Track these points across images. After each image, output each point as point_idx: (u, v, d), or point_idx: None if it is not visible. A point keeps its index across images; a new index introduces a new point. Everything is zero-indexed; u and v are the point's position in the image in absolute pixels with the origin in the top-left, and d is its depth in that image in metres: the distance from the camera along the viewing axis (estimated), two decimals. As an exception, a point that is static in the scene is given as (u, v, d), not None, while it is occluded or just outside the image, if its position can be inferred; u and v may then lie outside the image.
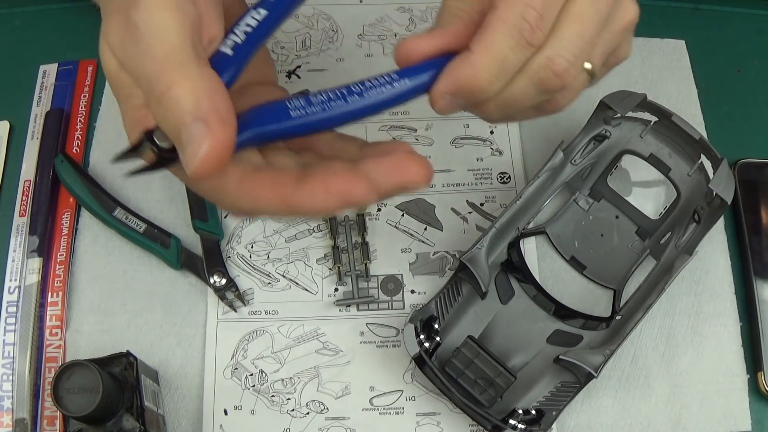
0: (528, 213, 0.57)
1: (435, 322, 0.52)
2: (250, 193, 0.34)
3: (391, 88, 0.36)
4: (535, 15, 0.34)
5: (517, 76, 0.36)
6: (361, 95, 0.36)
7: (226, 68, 0.36)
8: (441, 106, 0.36)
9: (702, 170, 0.55)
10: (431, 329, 0.52)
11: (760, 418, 0.53)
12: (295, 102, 0.35)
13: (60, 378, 0.43)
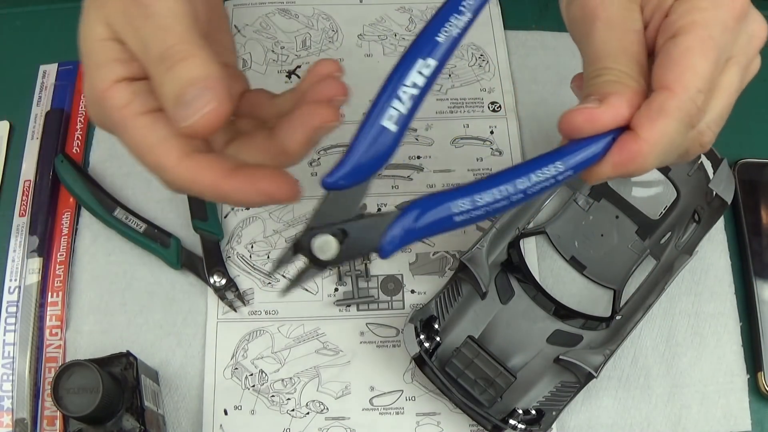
0: (528, 213, 0.57)
1: (435, 322, 0.52)
2: (185, 173, 0.36)
3: (554, 181, 0.35)
4: (703, 99, 0.36)
5: None
6: (525, 193, 0.34)
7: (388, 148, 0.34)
8: (598, 179, 0.36)
9: (702, 170, 0.55)
10: (431, 329, 0.52)
11: (760, 418, 0.53)
12: (460, 203, 0.34)
13: (60, 378, 0.43)
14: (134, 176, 0.59)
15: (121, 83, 0.37)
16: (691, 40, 0.35)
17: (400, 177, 0.59)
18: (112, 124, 0.37)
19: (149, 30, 0.36)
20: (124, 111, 0.37)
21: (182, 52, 0.35)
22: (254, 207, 0.38)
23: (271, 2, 0.66)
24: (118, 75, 0.37)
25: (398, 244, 0.33)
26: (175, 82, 0.35)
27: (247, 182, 0.36)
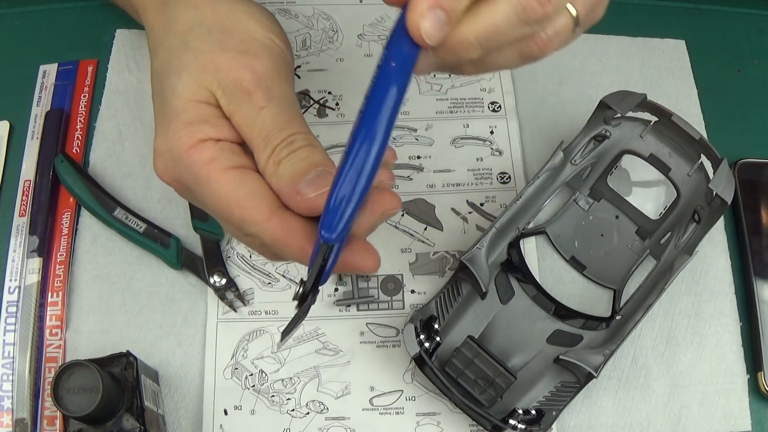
0: (528, 213, 0.57)
1: (435, 322, 0.52)
2: (276, 229, 0.38)
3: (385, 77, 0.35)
4: (552, 8, 0.35)
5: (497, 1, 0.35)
6: (369, 101, 0.35)
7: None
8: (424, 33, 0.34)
9: (702, 170, 0.55)
10: (431, 329, 0.52)
11: (760, 418, 0.53)
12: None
13: (60, 378, 0.43)
14: (134, 176, 0.59)
15: (208, 142, 0.39)
16: None
17: (400, 177, 0.59)
18: (194, 179, 0.39)
19: (273, 115, 0.39)
20: (212, 165, 0.38)
21: (303, 141, 0.39)
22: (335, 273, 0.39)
23: (271, 2, 0.66)
24: (206, 135, 0.39)
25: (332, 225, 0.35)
26: (297, 164, 0.38)
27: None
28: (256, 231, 0.38)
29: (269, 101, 0.39)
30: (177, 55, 0.41)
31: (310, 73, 0.63)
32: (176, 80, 0.40)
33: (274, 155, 0.38)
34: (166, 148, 0.39)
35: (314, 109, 0.62)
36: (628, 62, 0.63)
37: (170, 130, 0.39)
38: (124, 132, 0.61)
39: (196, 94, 0.39)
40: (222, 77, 0.39)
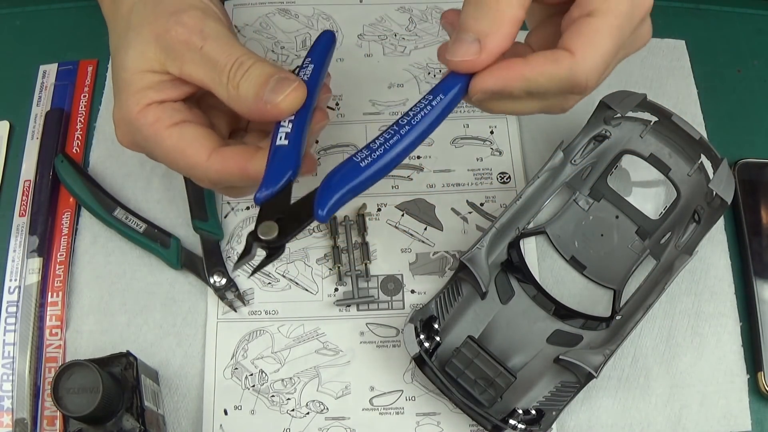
0: (528, 213, 0.57)
1: (435, 322, 0.52)
2: (215, 165, 0.43)
3: (432, 108, 0.41)
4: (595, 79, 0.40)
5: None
6: (410, 125, 0.40)
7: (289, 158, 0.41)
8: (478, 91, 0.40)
9: (702, 170, 0.55)
10: (431, 329, 0.52)
11: (760, 418, 0.53)
12: (360, 154, 0.40)
13: (60, 378, 0.43)
14: (134, 176, 0.59)
15: (152, 105, 0.44)
16: (602, 24, 0.39)
17: (400, 177, 0.59)
18: (144, 138, 0.44)
19: (213, 49, 0.43)
20: (157, 125, 0.44)
21: (251, 59, 0.43)
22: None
23: (271, 2, 0.66)
24: (150, 99, 0.44)
25: (327, 204, 0.39)
26: (254, 79, 0.42)
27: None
28: (203, 172, 0.43)
29: (205, 40, 0.43)
30: (123, 34, 0.45)
31: (310, 73, 0.63)
32: (124, 56, 0.44)
33: (230, 81, 0.42)
34: (120, 116, 0.45)
35: (314, 109, 0.62)
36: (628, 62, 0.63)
37: (122, 101, 0.44)
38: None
39: (140, 66, 0.44)
40: (161, 41, 0.43)
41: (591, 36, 0.39)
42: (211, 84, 0.43)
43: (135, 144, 0.46)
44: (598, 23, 0.39)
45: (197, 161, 0.43)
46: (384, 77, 0.63)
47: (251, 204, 0.59)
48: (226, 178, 0.43)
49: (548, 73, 0.39)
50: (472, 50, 0.39)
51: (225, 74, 0.43)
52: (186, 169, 0.44)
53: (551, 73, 0.39)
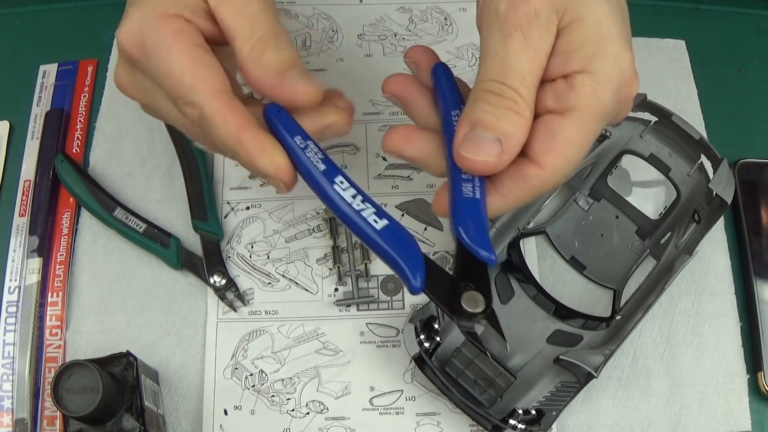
0: (528, 213, 0.57)
1: (435, 322, 0.52)
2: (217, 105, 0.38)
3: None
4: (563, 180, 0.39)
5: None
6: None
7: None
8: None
9: (702, 170, 0.55)
10: (431, 329, 0.52)
11: (760, 418, 0.53)
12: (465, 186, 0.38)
13: (60, 378, 0.43)
14: (134, 176, 0.59)
15: (181, 18, 0.39)
16: (577, 132, 0.37)
17: (400, 177, 0.59)
18: (156, 44, 0.38)
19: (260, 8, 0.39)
20: (179, 36, 0.38)
21: (287, 39, 0.40)
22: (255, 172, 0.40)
23: (271, 2, 0.66)
24: (182, 13, 0.39)
25: (485, 242, 0.37)
26: (285, 54, 0.39)
27: (270, 144, 0.38)
28: (200, 99, 0.38)
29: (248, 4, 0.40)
30: None
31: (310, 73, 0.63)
32: None
33: (260, 43, 0.39)
34: (140, 14, 0.39)
35: (314, 109, 0.62)
36: (628, 62, 0.63)
37: (140, 6, 0.39)
38: (124, 132, 0.61)
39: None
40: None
41: (562, 147, 0.37)
42: (238, 35, 0.39)
43: (137, 46, 0.39)
44: (572, 133, 0.37)
45: (204, 89, 0.38)
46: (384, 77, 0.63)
47: (251, 204, 0.59)
48: (218, 121, 0.38)
49: (520, 195, 0.38)
50: (495, 151, 0.36)
51: (258, 35, 0.39)
52: (185, 89, 0.39)
53: (523, 194, 0.38)
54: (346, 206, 0.37)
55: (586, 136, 0.37)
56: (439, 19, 0.65)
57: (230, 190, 0.59)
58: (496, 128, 0.36)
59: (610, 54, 0.37)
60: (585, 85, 0.37)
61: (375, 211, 0.37)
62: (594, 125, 0.37)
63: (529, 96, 0.37)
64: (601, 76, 0.37)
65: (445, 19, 0.65)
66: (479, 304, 0.37)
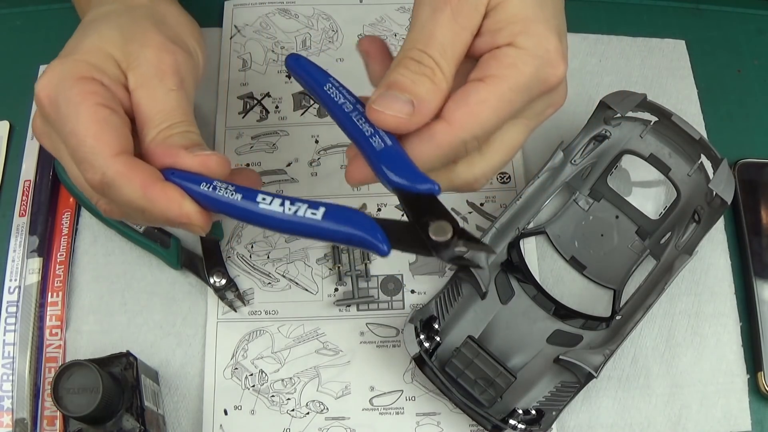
0: (528, 213, 0.57)
1: (435, 322, 0.52)
2: (118, 167, 0.39)
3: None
4: (475, 144, 0.39)
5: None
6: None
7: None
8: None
9: (702, 170, 0.55)
10: (431, 329, 0.52)
11: (760, 418, 0.53)
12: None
13: (60, 378, 0.43)
14: (134, 176, 0.59)
15: (98, 82, 0.41)
16: (491, 95, 0.38)
17: (400, 177, 0.59)
18: (67, 101, 0.40)
19: (175, 97, 0.42)
20: (90, 96, 0.40)
21: (199, 137, 0.41)
22: (168, 224, 0.41)
23: (271, 2, 0.66)
24: (97, 75, 0.41)
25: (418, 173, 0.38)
26: (189, 140, 0.40)
27: (177, 194, 0.38)
28: (101, 164, 0.38)
29: (180, 88, 0.42)
30: (118, 14, 0.44)
31: (310, 73, 0.63)
32: (106, 27, 0.43)
33: (169, 129, 0.40)
34: (60, 69, 0.41)
35: (314, 109, 0.62)
36: (628, 62, 0.63)
37: (75, 56, 0.42)
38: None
39: (115, 49, 0.42)
40: (146, 53, 0.42)
41: (473, 107, 0.38)
42: (149, 119, 0.41)
43: (50, 99, 0.40)
44: (486, 94, 0.38)
45: (105, 151, 0.38)
46: (384, 77, 0.63)
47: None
48: (122, 182, 0.38)
49: (429, 153, 0.38)
50: (406, 110, 0.37)
51: (169, 122, 0.40)
52: (87, 153, 0.39)
53: (431, 153, 0.38)
54: (280, 216, 0.38)
55: (501, 102, 0.38)
56: (439, 19, 0.65)
57: (230, 190, 0.59)
58: (411, 91, 0.38)
59: (535, 33, 0.38)
60: (507, 55, 0.38)
61: (308, 206, 0.38)
62: (510, 94, 0.38)
63: (447, 68, 0.38)
64: (523, 51, 0.38)
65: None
66: (447, 230, 0.37)
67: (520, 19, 0.38)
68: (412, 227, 0.37)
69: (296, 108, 0.62)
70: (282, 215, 0.37)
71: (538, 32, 0.38)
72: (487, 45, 0.39)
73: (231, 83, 0.63)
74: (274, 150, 0.60)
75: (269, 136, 0.61)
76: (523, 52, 0.38)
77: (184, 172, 0.39)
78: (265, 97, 0.62)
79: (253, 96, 0.62)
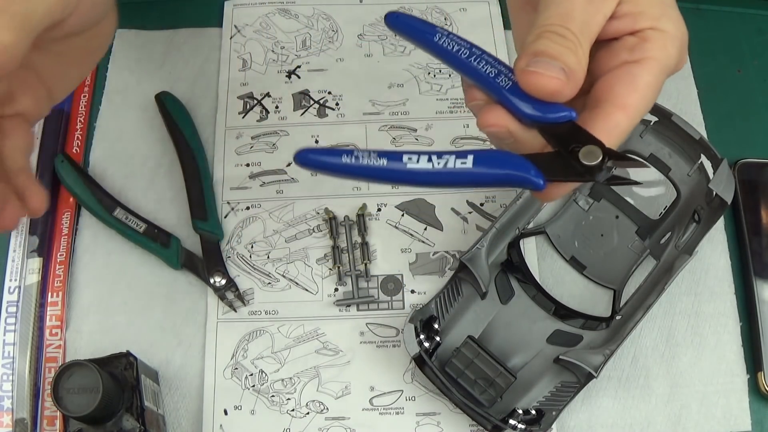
0: (528, 213, 0.57)
1: (435, 322, 0.52)
2: None
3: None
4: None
5: None
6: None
7: None
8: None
9: (702, 170, 0.55)
10: (431, 329, 0.52)
11: (760, 418, 0.53)
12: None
13: (60, 378, 0.43)
14: (134, 176, 0.59)
15: None
16: (652, 76, 0.39)
17: (400, 177, 0.59)
18: None
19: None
20: None
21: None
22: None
23: (271, 2, 0.66)
24: None
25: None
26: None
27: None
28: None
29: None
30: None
31: (310, 73, 0.63)
32: None
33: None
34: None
35: (314, 109, 0.62)
36: (628, 62, 0.63)
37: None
38: (124, 132, 0.61)
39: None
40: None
41: (644, 90, 0.39)
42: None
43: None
44: (650, 77, 0.39)
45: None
46: (384, 77, 0.63)
47: (251, 204, 0.59)
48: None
49: (615, 142, 0.38)
50: (562, 75, 0.37)
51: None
52: None
53: (618, 136, 0.38)
54: (431, 171, 0.37)
55: (658, 83, 0.39)
56: (439, 19, 0.65)
57: (230, 190, 0.59)
58: (561, 59, 0.37)
59: (674, 17, 0.40)
60: (656, 38, 0.39)
61: (456, 156, 0.37)
62: (663, 75, 0.40)
63: (586, 45, 0.38)
64: (668, 33, 0.40)
65: (445, 19, 0.65)
66: (597, 153, 0.37)
67: (657, 3, 0.40)
68: (561, 156, 0.38)
69: (296, 108, 0.62)
70: (432, 170, 0.37)
71: (675, 16, 0.40)
72: (627, 28, 0.40)
73: (231, 83, 0.63)
74: (274, 150, 0.60)
75: (269, 136, 0.61)
76: (668, 35, 0.39)
77: (321, 149, 0.38)
78: (265, 97, 0.62)
79: (253, 96, 0.62)
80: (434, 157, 0.37)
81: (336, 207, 0.58)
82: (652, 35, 0.40)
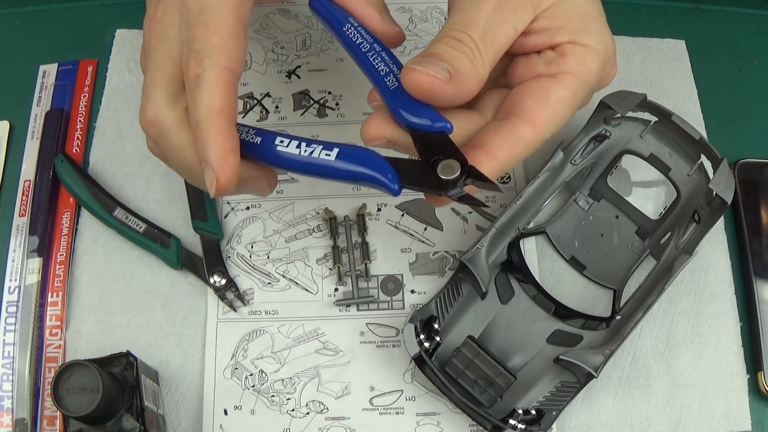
0: (528, 213, 0.57)
1: (435, 322, 0.52)
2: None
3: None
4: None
5: None
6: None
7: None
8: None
9: (702, 170, 0.55)
10: (431, 329, 0.52)
11: (760, 418, 0.53)
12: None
13: (60, 378, 0.43)
14: (134, 176, 0.59)
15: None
16: (567, 92, 0.39)
17: (400, 177, 0.59)
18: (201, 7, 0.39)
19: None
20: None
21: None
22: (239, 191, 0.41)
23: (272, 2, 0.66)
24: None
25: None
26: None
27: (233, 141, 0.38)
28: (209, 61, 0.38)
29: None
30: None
31: (310, 73, 0.63)
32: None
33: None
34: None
35: (314, 109, 0.62)
36: (628, 62, 0.63)
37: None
38: (124, 132, 0.61)
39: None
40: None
41: (555, 105, 0.38)
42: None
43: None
44: (564, 93, 0.38)
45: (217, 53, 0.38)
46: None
47: (251, 204, 0.59)
48: (209, 92, 0.38)
49: (514, 154, 0.38)
50: (442, 75, 0.37)
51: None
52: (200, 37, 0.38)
53: (516, 153, 0.38)
54: (296, 158, 0.38)
55: (575, 100, 0.39)
56: (439, 19, 0.65)
57: (230, 190, 0.59)
58: (449, 62, 0.37)
59: (595, 31, 0.39)
60: (575, 53, 0.39)
61: (323, 147, 0.38)
62: (581, 91, 0.39)
63: (486, 55, 0.38)
64: (588, 48, 0.39)
65: (445, 19, 0.65)
66: (455, 168, 0.37)
67: (577, 17, 0.39)
68: (423, 165, 0.37)
69: (296, 108, 0.62)
70: (298, 156, 0.38)
71: (596, 30, 0.39)
72: (545, 42, 0.39)
73: (231, 83, 0.63)
74: (274, 150, 0.60)
75: (269, 136, 0.61)
76: (588, 50, 0.39)
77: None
78: (265, 97, 0.62)
79: (253, 96, 0.62)
80: (303, 144, 0.38)
81: (336, 207, 0.58)
82: (570, 50, 0.39)
